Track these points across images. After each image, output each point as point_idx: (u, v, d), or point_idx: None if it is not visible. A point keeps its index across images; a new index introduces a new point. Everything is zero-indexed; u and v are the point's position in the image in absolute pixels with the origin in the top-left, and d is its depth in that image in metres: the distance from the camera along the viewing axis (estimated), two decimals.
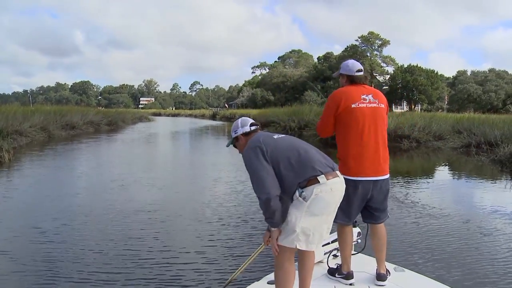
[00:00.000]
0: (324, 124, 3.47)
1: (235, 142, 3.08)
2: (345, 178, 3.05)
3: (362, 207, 3.38)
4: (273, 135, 2.92)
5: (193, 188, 9.15)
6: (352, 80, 3.40)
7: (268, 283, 3.35)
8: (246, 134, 3.01)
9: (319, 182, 2.66)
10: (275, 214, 2.67)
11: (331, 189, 2.70)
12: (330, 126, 3.41)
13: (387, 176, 3.36)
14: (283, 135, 2.95)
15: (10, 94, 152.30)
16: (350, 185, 3.13)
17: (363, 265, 3.70)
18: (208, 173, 10.75)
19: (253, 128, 3.03)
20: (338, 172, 2.80)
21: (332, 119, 3.36)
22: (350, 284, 3.41)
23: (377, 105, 3.34)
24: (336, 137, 3.43)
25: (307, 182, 2.67)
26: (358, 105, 3.27)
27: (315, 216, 2.69)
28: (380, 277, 3.37)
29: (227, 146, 3.19)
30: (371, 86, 3.56)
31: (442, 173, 12.64)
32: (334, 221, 2.95)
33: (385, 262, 3.49)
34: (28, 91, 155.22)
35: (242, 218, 6.47)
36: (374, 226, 3.46)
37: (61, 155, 15.00)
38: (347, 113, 3.27)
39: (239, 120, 3.09)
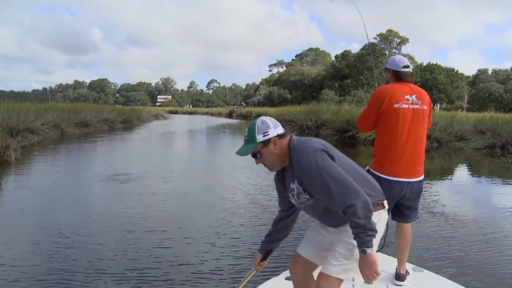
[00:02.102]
0: (365, 120, 3.41)
1: (260, 148, 2.26)
2: (379, 176, 3.12)
3: (392, 206, 3.28)
4: None
5: (209, 199, 7.73)
6: (398, 76, 3.31)
7: (286, 279, 3.28)
8: (280, 137, 2.28)
9: (384, 207, 2.35)
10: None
11: (386, 216, 2.41)
12: (371, 123, 3.36)
13: (421, 177, 3.30)
14: None
15: (30, 91, 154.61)
16: (383, 184, 3.04)
17: (381, 264, 3.55)
18: (225, 180, 9.64)
19: (284, 131, 2.32)
20: None
21: (374, 116, 3.29)
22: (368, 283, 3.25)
23: (420, 107, 3.25)
24: (375, 133, 3.38)
25: (374, 206, 2.24)
26: (400, 105, 3.19)
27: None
28: (399, 277, 3.36)
29: (243, 154, 2.30)
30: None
31: (465, 175, 12.01)
32: None
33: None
34: (48, 89, 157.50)
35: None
36: (401, 225, 3.41)
37: (69, 155, 14.45)
38: (389, 112, 3.20)
39: (265, 119, 2.30)
